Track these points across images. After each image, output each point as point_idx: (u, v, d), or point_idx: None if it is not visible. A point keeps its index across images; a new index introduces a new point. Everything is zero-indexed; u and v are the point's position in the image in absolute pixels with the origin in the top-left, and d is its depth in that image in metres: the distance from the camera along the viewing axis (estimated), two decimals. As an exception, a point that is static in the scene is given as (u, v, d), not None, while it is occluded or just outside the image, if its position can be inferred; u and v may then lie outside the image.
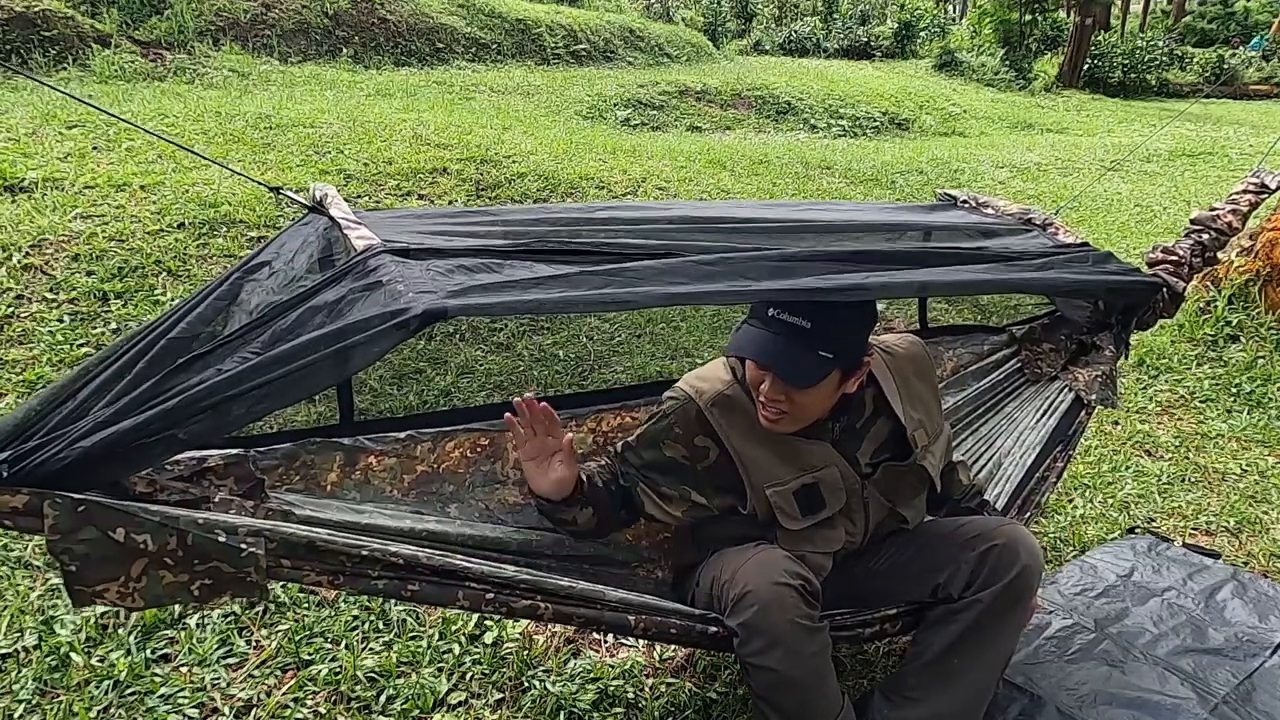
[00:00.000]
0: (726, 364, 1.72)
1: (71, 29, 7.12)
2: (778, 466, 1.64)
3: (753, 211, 2.07)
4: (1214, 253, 2.15)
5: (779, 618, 1.45)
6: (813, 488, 1.64)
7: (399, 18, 10.48)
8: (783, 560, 1.54)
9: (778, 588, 1.47)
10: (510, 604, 1.36)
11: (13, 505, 1.05)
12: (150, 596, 1.14)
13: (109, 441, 1.08)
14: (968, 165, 8.65)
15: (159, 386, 1.16)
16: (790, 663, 1.45)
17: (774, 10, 24.23)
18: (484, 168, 5.15)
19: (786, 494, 1.64)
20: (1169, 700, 1.85)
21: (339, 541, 1.24)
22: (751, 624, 1.46)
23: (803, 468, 1.65)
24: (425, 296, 1.20)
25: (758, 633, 1.45)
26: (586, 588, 1.44)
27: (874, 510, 1.72)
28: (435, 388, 3.21)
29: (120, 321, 3.24)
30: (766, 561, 1.54)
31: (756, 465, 1.64)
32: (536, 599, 1.38)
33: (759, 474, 1.64)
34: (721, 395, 1.66)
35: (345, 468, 1.63)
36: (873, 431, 1.72)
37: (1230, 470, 3.03)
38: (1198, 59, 21.62)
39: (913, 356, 1.78)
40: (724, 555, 1.65)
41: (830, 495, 1.66)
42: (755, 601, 1.46)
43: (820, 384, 1.52)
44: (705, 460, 1.68)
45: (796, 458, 1.65)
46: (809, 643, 1.47)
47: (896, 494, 1.73)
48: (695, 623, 1.54)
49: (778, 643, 1.44)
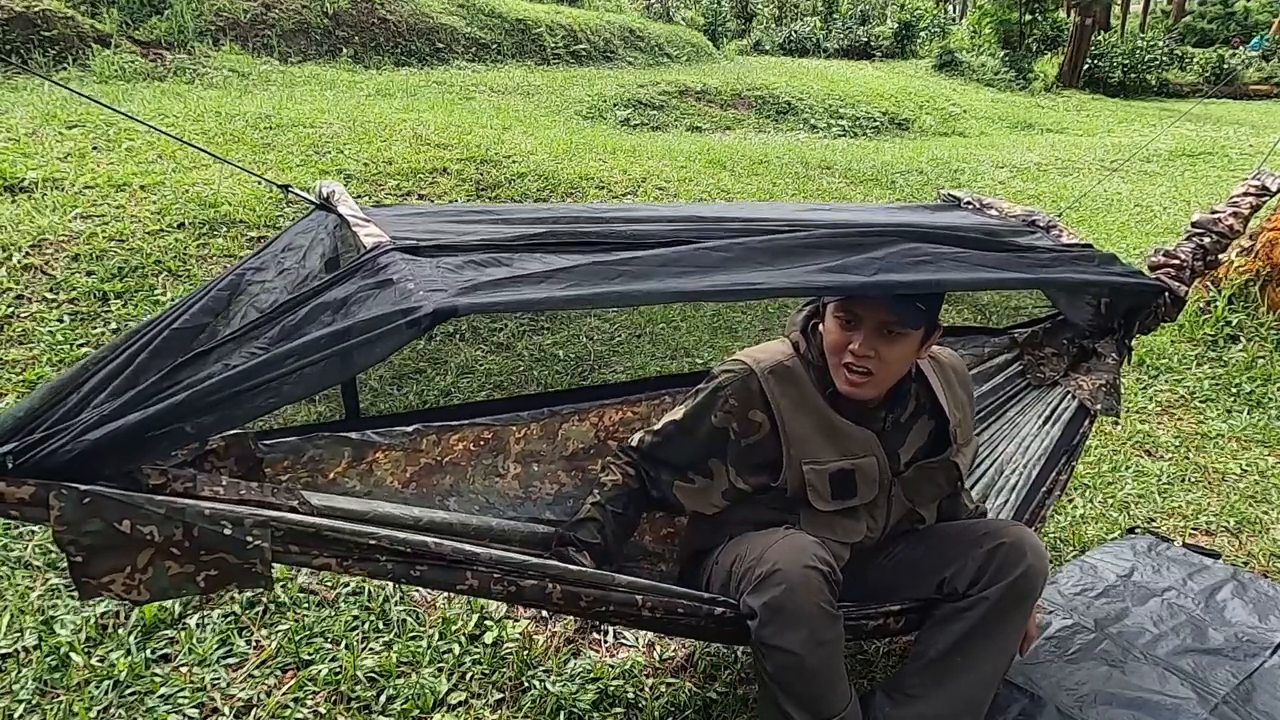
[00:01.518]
0: (787, 339, 1.74)
1: (71, 29, 7.12)
2: (821, 446, 1.66)
3: (753, 212, 2.07)
4: (1215, 256, 2.15)
5: (805, 600, 1.45)
6: (849, 474, 1.67)
7: (399, 18, 10.48)
8: (812, 545, 1.55)
9: (807, 571, 1.47)
10: (519, 585, 1.35)
11: (19, 496, 1.05)
12: (156, 588, 1.15)
13: (116, 434, 1.08)
14: (968, 165, 8.65)
15: (166, 380, 1.17)
16: (810, 647, 1.44)
17: (774, 10, 24.23)
18: (484, 168, 5.15)
19: (823, 474, 1.65)
20: (1169, 700, 1.85)
21: (346, 530, 1.24)
22: (775, 603, 1.45)
23: (844, 452, 1.66)
24: (436, 294, 1.20)
25: (780, 613, 1.45)
26: (594, 572, 1.44)
27: (895, 508, 1.75)
28: (435, 388, 3.21)
29: (120, 321, 3.24)
30: (797, 544, 1.54)
31: (800, 440, 1.65)
32: (545, 580, 1.37)
33: (800, 449, 1.65)
34: (780, 365, 1.68)
35: (353, 463, 1.64)
36: (916, 428, 1.75)
37: (1230, 470, 3.03)
38: (1198, 59, 21.63)
39: (955, 366, 1.84)
40: (748, 537, 1.66)
41: (864, 485, 1.68)
42: (784, 581, 1.45)
43: (911, 335, 1.57)
44: (753, 435, 1.68)
45: (841, 441, 1.67)
46: (829, 630, 1.47)
47: (919, 494, 1.76)
48: (703, 604, 1.53)
49: (801, 624, 1.44)
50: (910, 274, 1.49)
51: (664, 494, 1.77)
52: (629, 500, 1.76)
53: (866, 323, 1.55)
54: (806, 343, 1.70)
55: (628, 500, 1.76)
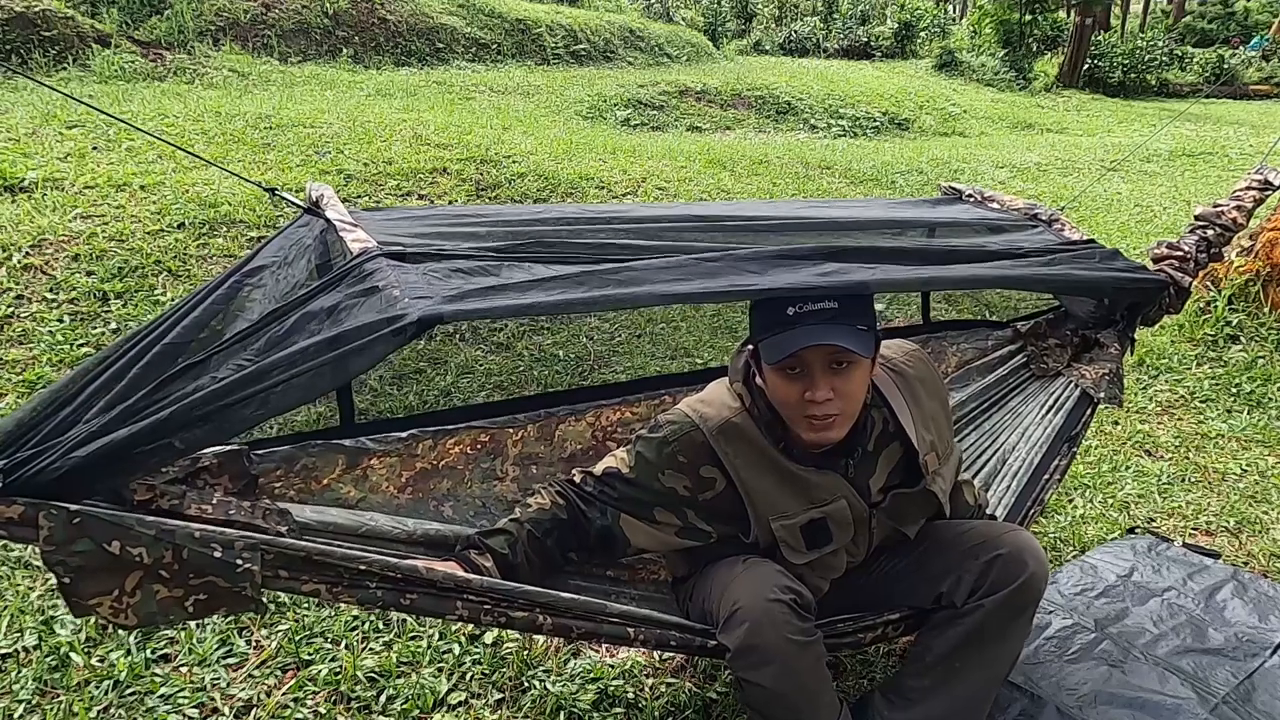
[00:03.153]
0: (732, 392, 1.62)
1: (71, 29, 7.12)
2: (785, 499, 1.58)
3: (754, 210, 2.07)
4: (1219, 248, 2.15)
5: (770, 635, 1.43)
6: (820, 522, 1.59)
7: (399, 18, 10.48)
8: (774, 574, 1.51)
9: (769, 604, 1.44)
10: (509, 615, 1.34)
11: (8, 516, 1.04)
12: (144, 613, 1.13)
13: (104, 451, 1.07)
14: (968, 165, 8.64)
15: (154, 394, 1.15)
16: (782, 679, 1.43)
17: (774, 10, 24.22)
18: (484, 168, 5.15)
19: (793, 528, 1.58)
20: (1169, 700, 1.84)
21: (336, 554, 1.23)
22: (743, 641, 1.43)
23: (811, 501, 1.58)
24: (421, 302, 1.19)
25: (749, 650, 1.43)
26: (586, 601, 1.42)
27: (879, 533, 1.68)
28: (435, 388, 3.21)
29: (120, 321, 3.24)
30: (757, 577, 1.50)
31: (763, 497, 1.57)
32: (535, 611, 1.36)
33: (765, 506, 1.58)
34: (728, 423, 1.57)
35: (347, 469, 1.63)
36: (886, 453, 1.65)
37: (1230, 470, 3.02)
38: (1198, 59, 21.62)
39: (921, 375, 1.70)
40: (715, 569, 1.61)
41: (838, 530, 1.60)
42: (746, 618, 1.44)
43: (864, 360, 1.46)
44: (709, 491, 1.60)
45: (805, 490, 1.58)
46: (801, 657, 1.45)
47: (902, 517, 1.68)
48: (694, 636, 1.53)
49: (770, 660, 1.43)
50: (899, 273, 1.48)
51: (608, 523, 1.62)
52: (552, 528, 1.60)
53: (814, 366, 1.44)
54: (751, 396, 1.58)
55: (550, 527, 1.59)
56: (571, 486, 1.66)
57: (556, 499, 1.63)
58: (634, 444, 1.63)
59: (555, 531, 1.60)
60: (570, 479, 1.67)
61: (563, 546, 1.61)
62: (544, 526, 1.59)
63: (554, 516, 1.60)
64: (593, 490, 1.63)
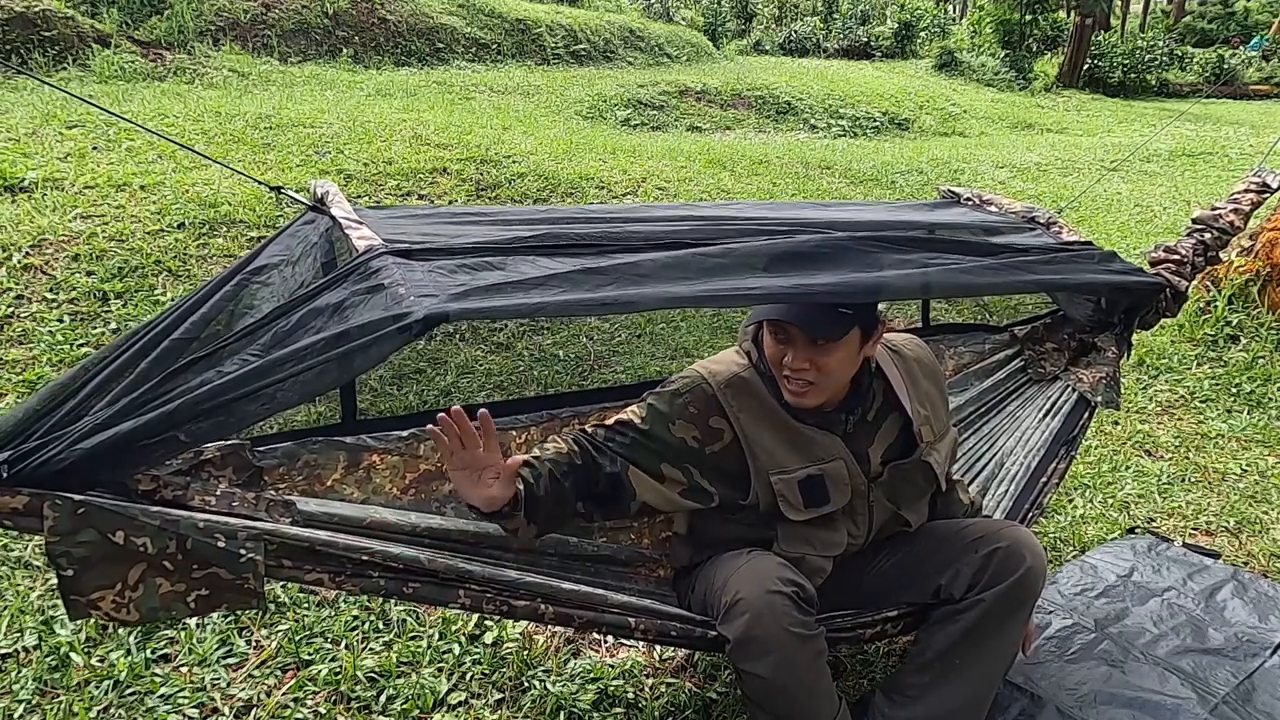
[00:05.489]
0: (740, 350, 1.70)
1: (71, 29, 7.12)
2: (785, 454, 1.63)
3: (754, 211, 2.07)
4: (1216, 252, 2.16)
5: (771, 626, 1.44)
6: (818, 479, 1.63)
7: (399, 18, 10.48)
8: (776, 567, 1.53)
9: (770, 596, 1.46)
10: (511, 604, 1.36)
11: (13, 506, 1.05)
12: (146, 609, 1.13)
13: (109, 443, 1.08)
14: (968, 165, 8.65)
15: (160, 387, 1.16)
16: (782, 671, 1.44)
17: (774, 10, 24.22)
18: (484, 168, 5.15)
19: (791, 483, 1.62)
20: (1169, 700, 1.85)
21: (339, 544, 1.24)
22: (743, 632, 1.45)
23: (810, 458, 1.63)
24: (427, 300, 1.19)
25: (749, 641, 1.44)
26: (588, 592, 1.43)
27: (878, 513, 1.71)
28: (435, 388, 3.21)
29: (120, 321, 3.24)
30: (759, 569, 1.52)
31: (764, 451, 1.63)
32: (537, 600, 1.37)
33: (766, 460, 1.63)
34: (736, 377, 1.64)
35: (348, 467, 1.63)
36: (884, 427, 1.71)
37: (1230, 470, 3.02)
38: (1198, 59, 21.62)
39: (920, 358, 1.78)
40: (718, 561, 1.64)
41: (835, 489, 1.64)
42: (747, 609, 1.45)
43: (843, 341, 1.52)
44: (717, 443, 1.64)
45: (806, 447, 1.64)
46: (802, 651, 1.46)
47: (901, 496, 1.72)
48: (695, 627, 1.54)
49: (769, 651, 1.43)
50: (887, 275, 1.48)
51: (617, 470, 1.62)
52: (569, 470, 1.57)
53: (795, 336, 1.52)
54: (758, 352, 1.65)
55: (567, 469, 1.57)
56: (585, 435, 1.67)
57: (572, 445, 1.63)
58: (645, 398, 1.68)
59: (571, 475, 1.59)
60: (583, 429, 1.70)
61: (577, 490, 1.60)
62: (562, 468, 1.58)
63: (570, 460, 1.60)
64: (605, 439, 1.64)
